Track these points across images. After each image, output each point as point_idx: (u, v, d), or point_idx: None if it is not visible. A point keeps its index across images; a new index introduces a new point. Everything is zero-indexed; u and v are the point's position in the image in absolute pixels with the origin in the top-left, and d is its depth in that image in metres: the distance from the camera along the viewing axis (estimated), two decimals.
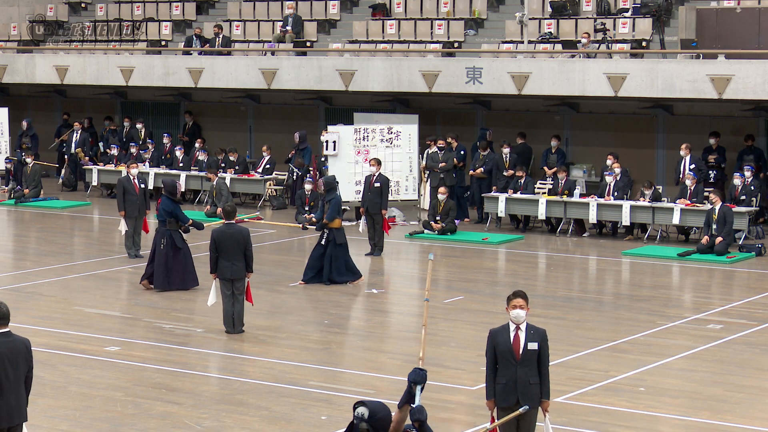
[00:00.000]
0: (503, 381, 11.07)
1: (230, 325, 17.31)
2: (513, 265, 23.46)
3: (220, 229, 17.58)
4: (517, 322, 11.12)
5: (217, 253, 17.31)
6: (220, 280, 17.39)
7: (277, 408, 13.86)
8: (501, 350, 11.08)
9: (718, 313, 18.79)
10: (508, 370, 11.05)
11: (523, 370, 11.02)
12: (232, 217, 17.74)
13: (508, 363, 11.05)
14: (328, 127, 27.98)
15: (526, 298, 11.21)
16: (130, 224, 22.77)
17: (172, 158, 31.48)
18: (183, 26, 35.89)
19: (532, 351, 11.05)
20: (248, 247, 17.35)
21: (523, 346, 11.05)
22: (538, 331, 11.18)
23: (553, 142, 28.36)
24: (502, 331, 11.17)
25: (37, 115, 35.72)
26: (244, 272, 17.31)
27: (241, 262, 17.25)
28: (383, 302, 19.73)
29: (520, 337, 11.08)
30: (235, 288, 17.28)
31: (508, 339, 11.09)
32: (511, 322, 11.14)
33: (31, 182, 31.09)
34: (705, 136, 27.22)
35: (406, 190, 27.73)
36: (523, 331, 11.11)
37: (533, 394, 11.04)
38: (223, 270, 17.28)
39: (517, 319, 11.11)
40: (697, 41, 27.39)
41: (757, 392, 14.64)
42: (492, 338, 11.20)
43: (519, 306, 11.10)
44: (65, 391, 14.49)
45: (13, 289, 20.39)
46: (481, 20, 31.88)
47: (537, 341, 11.09)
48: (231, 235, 17.33)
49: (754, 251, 23.49)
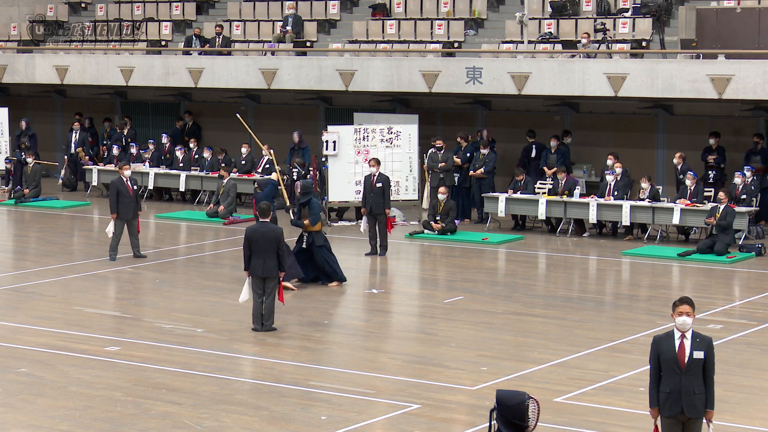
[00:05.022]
0: (667, 390, 10.79)
1: (258, 323, 17.36)
2: (513, 265, 23.46)
3: (253, 227, 17.62)
4: (682, 330, 10.81)
5: (250, 251, 17.36)
6: (252, 278, 17.43)
7: (277, 408, 13.86)
8: (665, 358, 10.78)
9: (718, 313, 18.79)
10: (672, 379, 10.76)
11: (688, 379, 10.73)
12: (266, 216, 17.77)
13: (672, 372, 10.76)
14: (328, 127, 28.02)
15: (692, 304, 10.86)
16: (120, 226, 22.81)
17: (172, 158, 31.49)
18: (183, 26, 35.89)
19: (698, 360, 10.75)
20: (281, 245, 17.38)
21: (688, 355, 10.75)
22: (704, 339, 10.87)
23: (552, 142, 28.35)
24: (666, 339, 10.85)
25: (37, 115, 35.71)
26: (276, 271, 17.36)
27: (273, 260, 17.29)
28: (383, 302, 19.73)
29: (685, 346, 10.78)
30: (266, 287, 17.33)
31: (672, 347, 10.79)
32: (677, 330, 10.84)
33: (31, 182, 31.09)
34: (705, 136, 27.21)
35: (406, 190, 27.74)
36: (688, 339, 10.80)
37: (698, 404, 10.77)
38: (256, 268, 17.33)
39: (683, 326, 10.81)
40: (697, 41, 27.39)
41: (757, 392, 14.64)
42: (656, 345, 10.89)
43: (685, 313, 10.79)
44: (65, 391, 14.49)
45: (13, 289, 20.40)
46: (481, 20, 31.88)
47: (703, 350, 10.79)
48: (264, 234, 17.37)
49: (754, 251, 23.49)
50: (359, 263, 23.20)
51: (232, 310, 18.43)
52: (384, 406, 13.92)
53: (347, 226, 27.20)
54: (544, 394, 14.28)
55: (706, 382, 10.85)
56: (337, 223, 27.45)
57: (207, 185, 30.35)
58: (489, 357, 16.07)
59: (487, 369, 15.42)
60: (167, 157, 31.66)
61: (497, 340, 17.14)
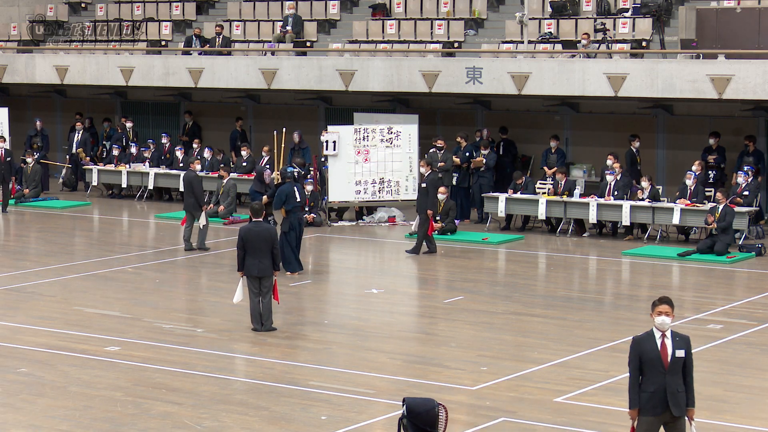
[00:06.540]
0: (651, 390, 10.86)
1: (258, 323, 17.36)
2: (513, 265, 23.46)
3: (247, 227, 17.65)
4: (662, 329, 10.88)
5: (244, 251, 17.37)
6: (247, 278, 17.43)
7: (277, 408, 13.86)
8: (649, 358, 10.84)
9: (718, 313, 18.79)
10: (656, 378, 10.83)
11: (671, 378, 10.82)
12: (259, 215, 17.79)
13: (656, 371, 10.83)
14: (329, 127, 28.01)
15: (671, 304, 10.93)
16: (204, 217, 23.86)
17: (172, 158, 31.48)
18: (183, 26, 35.89)
19: (679, 359, 10.84)
20: (275, 245, 17.42)
21: (671, 354, 10.83)
22: (683, 337, 10.96)
23: (552, 143, 28.35)
24: (647, 339, 10.91)
25: (37, 115, 35.67)
26: (271, 270, 17.38)
27: (268, 259, 17.32)
28: (383, 302, 19.72)
29: (666, 345, 10.85)
30: (262, 286, 17.34)
31: (655, 347, 10.84)
32: (656, 329, 10.90)
33: (31, 182, 31.09)
34: (705, 136, 27.22)
35: (406, 190, 27.74)
36: (669, 338, 10.88)
37: (682, 403, 10.87)
38: (251, 267, 17.33)
39: (662, 326, 10.87)
40: (697, 41, 27.39)
41: (757, 392, 14.65)
42: (637, 346, 10.93)
43: (665, 312, 10.85)
44: (65, 391, 14.49)
45: (13, 289, 20.40)
46: (481, 20, 31.87)
47: (684, 348, 10.87)
48: (258, 233, 17.39)
49: (754, 251, 23.49)
50: (359, 263, 23.22)
51: (231, 310, 18.42)
52: (384, 406, 13.91)
53: (347, 226, 27.19)
54: (544, 394, 14.31)
55: (686, 380, 10.96)
56: (337, 223, 27.45)
57: (207, 185, 30.30)
58: (489, 357, 16.07)
59: (487, 369, 15.42)
60: (167, 157, 31.65)
61: (497, 340, 17.15)
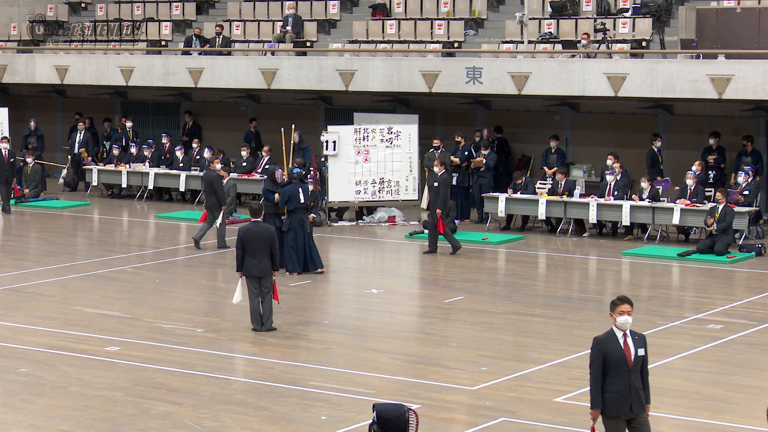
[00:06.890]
0: (616, 389, 10.88)
1: (258, 323, 17.37)
2: (513, 265, 23.46)
3: (246, 227, 17.62)
4: (623, 329, 10.92)
5: (243, 251, 17.37)
6: (246, 278, 17.43)
7: (277, 408, 13.86)
8: (614, 358, 10.87)
9: (718, 313, 18.79)
10: (621, 378, 10.86)
11: (635, 376, 10.88)
12: (258, 215, 17.79)
13: (621, 371, 10.86)
14: (329, 127, 28.02)
15: (631, 303, 10.99)
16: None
17: (172, 158, 31.49)
18: (183, 26, 35.89)
19: (641, 357, 10.92)
20: (274, 245, 17.41)
21: (633, 353, 10.89)
22: (641, 336, 11.03)
23: (552, 143, 28.35)
24: (610, 339, 10.94)
25: (37, 115, 35.69)
26: (271, 270, 17.38)
27: (267, 259, 17.31)
28: (383, 302, 19.73)
29: (629, 344, 10.91)
30: (262, 286, 17.35)
31: (619, 347, 10.89)
32: (617, 329, 10.94)
33: (31, 182, 31.09)
34: (705, 136, 27.22)
35: (406, 190, 27.74)
36: (629, 337, 10.93)
37: (642, 400, 10.96)
38: (250, 268, 17.33)
39: (624, 325, 10.91)
40: (697, 41, 27.38)
41: (757, 392, 14.64)
42: (600, 346, 10.95)
43: (626, 312, 10.89)
44: (65, 391, 14.49)
45: (13, 289, 20.40)
46: (481, 20, 31.87)
47: (643, 347, 10.96)
48: (258, 233, 17.38)
49: (754, 251, 23.49)
50: (359, 263, 23.22)
51: (231, 310, 18.42)
52: None
53: (347, 226, 27.19)
54: (544, 394, 14.31)
55: (644, 377, 11.04)
56: (337, 223, 27.45)
57: None
58: (489, 357, 16.07)
59: (487, 369, 15.42)
60: (167, 157, 31.65)
61: (497, 340, 17.15)
